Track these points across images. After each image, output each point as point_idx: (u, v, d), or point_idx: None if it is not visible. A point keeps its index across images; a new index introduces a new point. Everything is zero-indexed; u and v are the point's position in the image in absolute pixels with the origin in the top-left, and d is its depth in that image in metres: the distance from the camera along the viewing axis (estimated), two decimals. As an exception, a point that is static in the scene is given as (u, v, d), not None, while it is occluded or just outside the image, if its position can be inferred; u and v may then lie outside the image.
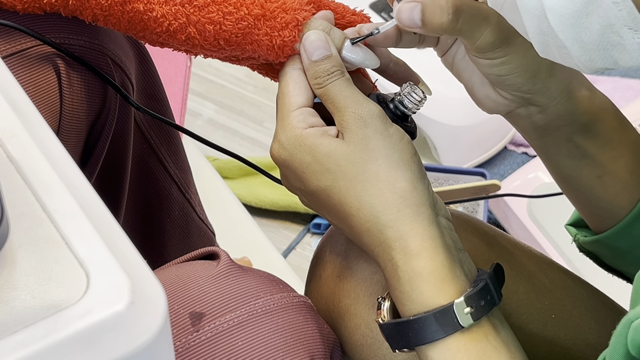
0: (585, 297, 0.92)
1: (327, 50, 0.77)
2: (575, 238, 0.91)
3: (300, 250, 1.72)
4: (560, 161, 0.84)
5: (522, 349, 0.74)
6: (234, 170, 1.79)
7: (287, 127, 0.76)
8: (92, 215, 0.57)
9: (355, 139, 0.74)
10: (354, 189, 0.73)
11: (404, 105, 0.78)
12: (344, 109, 0.75)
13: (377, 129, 0.74)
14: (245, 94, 1.96)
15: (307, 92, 0.77)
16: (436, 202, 0.76)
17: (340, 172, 0.74)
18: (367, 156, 0.73)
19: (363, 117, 0.74)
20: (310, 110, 0.77)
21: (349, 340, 0.85)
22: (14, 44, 0.86)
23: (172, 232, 1.15)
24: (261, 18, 0.78)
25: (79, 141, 0.96)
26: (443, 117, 1.75)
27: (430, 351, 0.71)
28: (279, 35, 0.78)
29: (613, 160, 0.83)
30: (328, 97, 0.76)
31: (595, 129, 0.82)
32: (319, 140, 0.74)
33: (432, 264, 0.71)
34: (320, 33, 0.78)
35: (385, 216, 0.72)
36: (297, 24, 0.78)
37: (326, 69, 0.76)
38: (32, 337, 0.51)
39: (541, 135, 0.82)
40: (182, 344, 0.78)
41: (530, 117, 0.81)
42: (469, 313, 0.70)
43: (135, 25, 0.81)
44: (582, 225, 0.91)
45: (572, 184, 0.86)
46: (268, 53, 0.79)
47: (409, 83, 0.78)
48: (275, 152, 0.77)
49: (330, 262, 0.87)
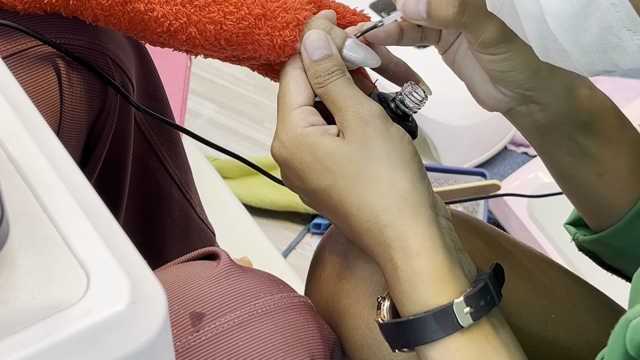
0: (585, 297, 0.92)
1: (327, 50, 0.77)
2: (575, 237, 0.91)
3: (300, 250, 1.72)
4: (561, 159, 0.84)
5: (521, 349, 0.74)
6: (234, 170, 1.79)
7: (288, 126, 0.76)
8: (92, 215, 0.57)
9: (356, 139, 0.74)
10: (354, 188, 0.73)
11: (405, 105, 0.78)
12: (344, 109, 0.75)
13: (378, 129, 0.74)
14: (245, 94, 1.96)
15: (308, 91, 0.78)
16: (436, 202, 0.76)
17: (340, 171, 0.74)
18: (367, 156, 0.73)
19: (364, 116, 0.74)
20: (311, 109, 0.77)
21: (348, 341, 0.85)
22: (14, 44, 0.86)
23: (172, 232, 1.15)
24: (262, 18, 0.78)
25: (79, 141, 0.96)
26: (443, 117, 1.75)
27: (429, 351, 0.71)
28: (280, 34, 0.78)
29: (613, 158, 0.83)
30: (329, 97, 0.76)
31: (595, 128, 0.82)
32: (319, 139, 0.74)
33: (432, 264, 0.71)
34: (321, 32, 0.78)
35: (385, 216, 0.72)
36: (298, 24, 0.78)
37: (327, 68, 0.76)
38: (32, 337, 0.51)
39: (541, 133, 0.82)
40: (182, 344, 0.78)
41: (531, 115, 0.81)
42: (468, 313, 0.70)
43: (136, 26, 0.81)
44: (581, 224, 0.91)
45: (572, 183, 0.86)
46: (269, 53, 0.79)
47: (410, 82, 0.79)
48: (275, 150, 0.77)
49: (330, 262, 0.87)
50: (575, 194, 0.87)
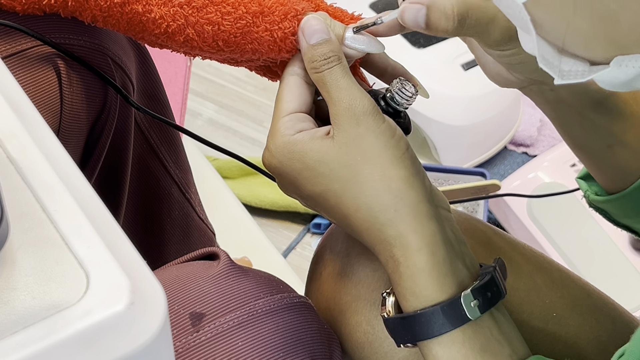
0: (586, 296, 0.92)
1: (325, 35, 0.77)
2: (586, 194, 0.91)
3: (300, 250, 1.72)
4: (572, 131, 0.84)
5: (525, 343, 0.74)
6: (234, 170, 1.79)
7: (276, 134, 0.76)
8: (92, 215, 0.57)
9: (347, 139, 0.73)
10: (349, 191, 0.73)
11: (396, 102, 0.77)
12: (337, 102, 0.74)
13: (370, 127, 0.73)
14: (245, 94, 1.96)
15: (301, 98, 0.77)
16: (434, 195, 0.76)
17: (334, 175, 0.73)
18: (359, 157, 0.73)
19: (356, 114, 0.73)
20: (301, 116, 0.76)
21: (349, 338, 0.85)
22: (14, 45, 0.86)
23: (172, 232, 1.15)
24: (259, 15, 0.78)
25: (79, 141, 0.96)
26: (443, 117, 1.75)
27: (435, 345, 0.71)
28: (279, 27, 0.78)
29: (624, 131, 0.83)
30: (324, 85, 0.75)
31: (606, 104, 0.81)
32: (308, 146, 0.74)
33: (433, 260, 0.71)
34: (320, 19, 0.77)
35: (383, 216, 0.72)
36: (297, 14, 0.78)
37: (323, 53, 0.76)
38: (32, 337, 0.51)
39: (554, 108, 0.82)
40: (182, 344, 0.78)
41: (542, 93, 0.81)
42: (476, 306, 0.71)
43: (134, 27, 0.81)
44: (593, 179, 0.91)
45: (584, 151, 0.86)
46: (270, 50, 0.79)
47: (399, 78, 0.78)
48: (266, 160, 0.77)
49: (331, 260, 0.87)
50: (587, 160, 0.87)
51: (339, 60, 0.76)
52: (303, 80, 0.78)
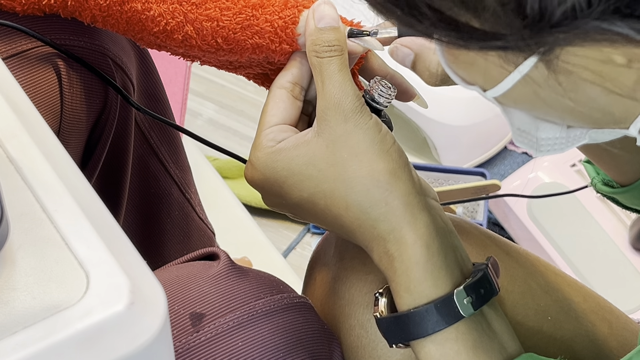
0: (582, 300, 0.92)
1: (335, 22, 0.76)
2: (592, 183, 0.91)
3: (300, 250, 1.72)
4: None
5: (516, 339, 0.74)
6: (234, 170, 1.79)
7: (257, 147, 0.76)
8: (92, 215, 0.57)
9: (334, 136, 0.73)
10: (338, 190, 0.73)
11: (375, 101, 0.78)
12: (328, 95, 0.74)
13: (358, 123, 0.73)
14: (245, 94, 1.96)
15: (286, 112, 0.77)
16: (422, 186, 0.76)
17: (322, 176, 0.73)
18: (346, 154, 0.73)
19: (345, 111, 0.73)
20: (283, 127, 0.76)
21: (343, 342, 0.85)
22: (14, 46, 0.87)
23: (172, 232, 1.15)
24: (259, 7, 0.78)
25: (80, 142, 0.96)
26: (443, 117, 1.75)
27: (428, 343, 0.71)
28: (280, 17, 0.78)
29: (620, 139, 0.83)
30: (320, 72, 0.75)
31: None
32: (294, 153, 0.74)
33: (428, 253, 0.71)
34: (333, 6, 0.77)
35: (374, 211, 0.72)
36: (296, 4, 0.78)
37: (329, 39, 0.75)
38: (31, 337, 0.51)
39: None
40: (182, 344, 0.78)
41: None
42: (469, 303, 0.71)
43: (133, 26, 0.81)
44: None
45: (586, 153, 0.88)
46: (270, 41, 0.78)
47: (376, 78, 0.78)
48: (248, 174, 0.77)
49: (325, 265, 0.87)
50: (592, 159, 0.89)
51: (341, 52, 0.76)
52: (290, 94, 0.78)
